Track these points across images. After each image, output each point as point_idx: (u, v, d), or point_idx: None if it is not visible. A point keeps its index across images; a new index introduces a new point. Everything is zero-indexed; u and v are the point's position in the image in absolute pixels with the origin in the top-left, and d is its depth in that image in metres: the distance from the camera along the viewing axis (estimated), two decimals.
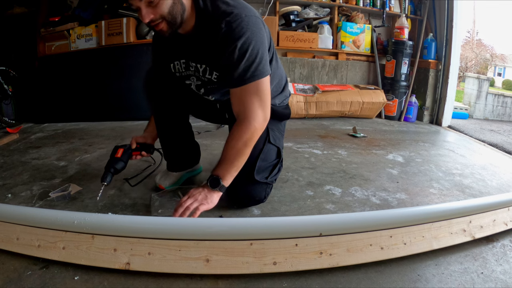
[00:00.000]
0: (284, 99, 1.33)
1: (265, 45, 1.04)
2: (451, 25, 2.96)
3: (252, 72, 1.00)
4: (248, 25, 0.98)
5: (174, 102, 1.27)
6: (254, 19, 1.00)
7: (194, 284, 0.82)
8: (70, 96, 2.75)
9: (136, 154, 1.22)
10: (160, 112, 1.29)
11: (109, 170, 1.09)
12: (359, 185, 1.49)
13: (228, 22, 0.97)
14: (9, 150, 1.93)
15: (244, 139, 1.03)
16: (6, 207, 1.01)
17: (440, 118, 3.13)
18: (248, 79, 1.01)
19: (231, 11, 0.98)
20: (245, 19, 0.98)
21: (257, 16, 1.02)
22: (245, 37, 0.97)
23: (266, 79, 1.04)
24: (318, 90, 2.98)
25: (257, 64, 1.00)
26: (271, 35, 1.14)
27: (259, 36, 1.00)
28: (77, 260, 0.85)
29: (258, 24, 1.01)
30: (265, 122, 1.07)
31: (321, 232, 0.91)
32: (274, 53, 1.19)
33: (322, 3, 3.18)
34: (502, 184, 1.62)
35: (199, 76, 1.16)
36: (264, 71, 1.03)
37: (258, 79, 1.02)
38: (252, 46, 0.99)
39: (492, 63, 13.56)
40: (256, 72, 1.01)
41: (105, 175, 1.08)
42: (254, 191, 1.18)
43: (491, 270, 0.90)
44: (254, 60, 1.00)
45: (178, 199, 1.21)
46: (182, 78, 1.20)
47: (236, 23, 0.97)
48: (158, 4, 0.93)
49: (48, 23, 2.76)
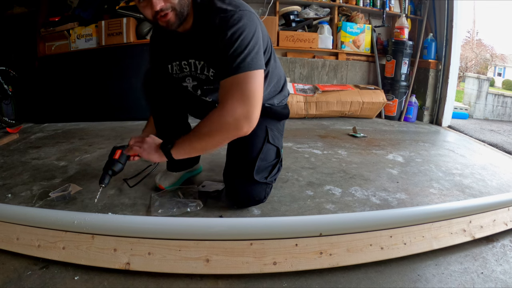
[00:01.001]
0: (282, 99, 1.33)
1: (258, 38, 1.00)
2: (451, 25, 2.96)
3: (240, 61, 0.95)
4: (241, 17, 0.97)
5: (173, 102, 1.28)
6: (248, 14, 1.00)
7: (194, 284, 0.82)
8: (70, 96, 2.75)
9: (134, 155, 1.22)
10: (159, 113, 1.30)
11: (107, 172, 1.09)
12: (359, 185, 1.49)
13: (221, 17, 0.98)
14: (9, 150, 1.93)
15: (211, 128, 0.98)
16: (6, 207, 1.01)
17: (440, 118, 3.13)
18: (235, 70, 0.95)
19: (226, 8, 0.99)
20: (239, 12, 0.98)
21: (252, 12, 1.02)
22: (236, 27, 0.96)
23: (255, 74, 0.96)
24: (318, 90, 2.98)
25: (247, 54, 0.95)
26: (269, 35, 1.13)
27: (251, 28, 0.98)
28: (77, 260, 0.86)
29: (251, 18, 1.00)
30: (246, 120, 0.95)
31: (321, 232, 0.91)
32: (272, 52, 1.19)
33: (322, 3, 3.18)
34: (502, 184, 1.62)
35: (195, 75, 1.16)
36: (253, 64, 0.96)
37: (245, 71, 0.95)
38: (243, 36, 0.96)
39: (492, 63, 13.56)
40: (245, 63, 0.95)
41: (103, 177, 1.08)
42: (254, 191, 1.17)
43: (491, 270, 0.90)
44: (243, 50, 0.95)
45: (178, 199, 1.21)
46: (179, 80, 1.21)
47: (229, 16, 0.97)
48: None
49: (48, 23, 2.76)
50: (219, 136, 0.99)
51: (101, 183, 1.08)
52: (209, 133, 0.99)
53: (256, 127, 1.22)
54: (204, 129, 0.99)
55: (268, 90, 1.25)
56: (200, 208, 1.19)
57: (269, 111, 1.27)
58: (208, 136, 0.99)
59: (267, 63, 1.17)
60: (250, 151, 1.18)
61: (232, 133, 0.98)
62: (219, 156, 1.68)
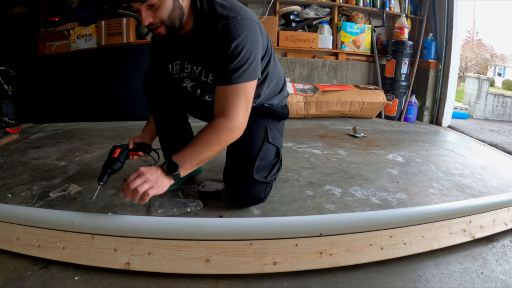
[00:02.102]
0: (282, 99, 1.33)
1: (259, 48, 1.04)
2: (451, 25, 2.96)
3: (241, 72, 1.00)
4: (243, 27, 0.98)
5: (173, 102, 1.28)
6: (250, 22, 1.01)
7: (194, 284, 0.82)
8: (70, 96, 2.75)
9: (133, 154, 1.23)
10: (159, 112, 1.30)
11: (106, 170, 1.10)
12: (359, 185, 1.49)
13: (224, 25, 0.98)
14: (9, 150, 1.93)
15: (220, 135, 1.00)
16: (6, 207, 1.01)
17: (440, 118, 3.13)
18: (237, 79, 1.00)
19: (227, 14, 0.99)
20: (241, 21, 0.99)
21: (253, 19, 1.03)
22: (240, 39, 0.98)
23: (253, 83, 1.04)
24: (318, 90, 2.98)
25: (247, 66, 1.00)
26: (269, 36, 1.14)
27: (253, 39, 1.01)
28: (77, 260, 0.86)
29: (253, 27, 1.01)
30: (244, 125, 1.04)
31: (321, 232, 0.91)
32: (272, 54, 1.19)
33: (322, 3, 3.18)
34: (502, 184, 1.62)
35: (194, 77, 1.17)
36: (254, 75, 1.03)
37: (247, 81, 1.01)
38: (246, 49, 0.99)
39: (492, 63, 13.56)
40: (246, 74, 1.00)
41: (102, 175, 1.08)
42: (253, 191, 1.17)
43: (491, 270, 0.90)
44: (246, 62, 0.99)
45: (178, 199, 1.21)
46: (179, 80, 1.21)
47: (231, 25, 0.98)
48: (158, 8, 0.94)
49: (48, 23, 2.76)
50: (226, 142, 1.03)
51: (99, 181, 1.08)
52: (219, 140, 1.00)
53: (256, 126, 1.23)
54: (212, 137, 0.99)
55: (268, 91, 1.25)
56: (200, 208, 1.19)
57: (268, 111, 1.27)
58: (218, 142, 1.00)
59: (267, 65, 1.17)
60: (250, 151, 1.18)
61: (233, 139, 1.04)
62: (219, 156, 1.67)
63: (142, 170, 0.93)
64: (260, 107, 1.26)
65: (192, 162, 0.98)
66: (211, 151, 1.00)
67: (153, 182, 0.91)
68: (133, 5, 0.94)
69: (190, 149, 0.99)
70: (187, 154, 0.98)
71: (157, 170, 0.95)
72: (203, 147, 0.99)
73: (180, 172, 0.95)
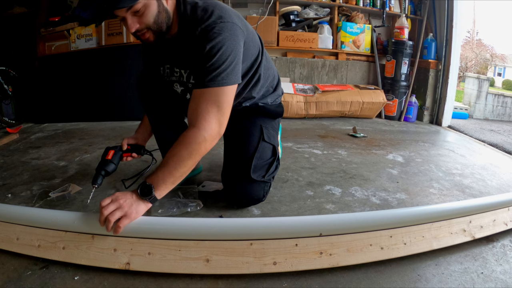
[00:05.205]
0: (276, 98, 1.33)
1: (238, 52, 1.00)
2: (451, 25, 2.96)
3: (215, 76, 0.96)
4: (221, 30, 0.96)
5: (167, 103, 1.28)
6: (231, 25, 0.98)
7: (194, 284, 0.82)
8: (70, 96, 2.75)
9: (126, 156, 1.23)
10: (155, 114, 1.30)
11: (99, 172, 1.09)
12: (359, 185, 1.49)
13: (202, 29, 0.97)
14: (9, 150, 1.93)
15: (190, 149, 0.94)
16: (6, 207, 1.01)
17: (440, 118, 3.13)
18: (210, 82, 0.96)
19: (207, 18, 0.98)
20: (220, 25, 0.97)
21: (234, 22, 1.00)
22: (216, 41, 0.95)
23: (230, 89, 0.99)
24: (318, 90, 2.98)
25: (222, 70, 0.96)
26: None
27: (231, 42, 0.98)
28: (77, 260, 0.86)
29: (234, 30, 0.99)
30: (218, 136, 0.99)
31: (321, 232, 0.91)
32: (264, 54, 1.19)
33: (322, 3, 3.18)
34: (502, 184, 1.62)
35: (183, 82, 1.16)
36: (229, 80, 0.98)
37: (221, 86, 0.96)
38: (222, 51, 0.95)
39: (492, 63, 13.55)
40: (220, 78, 0.96)
41: (95, 178, 1.08)
42: (252, 190, 1.17)
43: (491, 270, 0.90)
44: (221, 65, 0.96)
45: (178, 199, 1.21)
46: (170, 83, 1.21)
47: (209, 28, 0.96)
48: (143, 14, 0.93)
49: (48, 23, 2.76)
50: (198, 154, 0.96)
51: (93, 183, 1.08)
52: (190, 155, 0.94)
53: (251, 126, 1.23)
54: (182, 152, 0.94)
55: (262, 91, 1.26)
56: (200, 208, 1.19)
57: (262, 110, 1.27)
58: (189, 157, 0.94)
59: (259, 66, 1.17)
60: (246, 150, 1.18)
61: (207, 149, 0.98)
62: (219, 156, 1.68)
63: (116, 195, 0.90)
64: (254, 107, 1.26)
65: (167, 182, 0.94)
66: (184, 166, 0.95)
67: (126, 209, 0.87)
68: (118, 13, 0.91)
69: (162, 169, 0.94)
70: (159, 174, 0.94)
71: (132, 195, 0.91)
72: (174, 164, 0.94)
73: (155, 194, 0.92)
